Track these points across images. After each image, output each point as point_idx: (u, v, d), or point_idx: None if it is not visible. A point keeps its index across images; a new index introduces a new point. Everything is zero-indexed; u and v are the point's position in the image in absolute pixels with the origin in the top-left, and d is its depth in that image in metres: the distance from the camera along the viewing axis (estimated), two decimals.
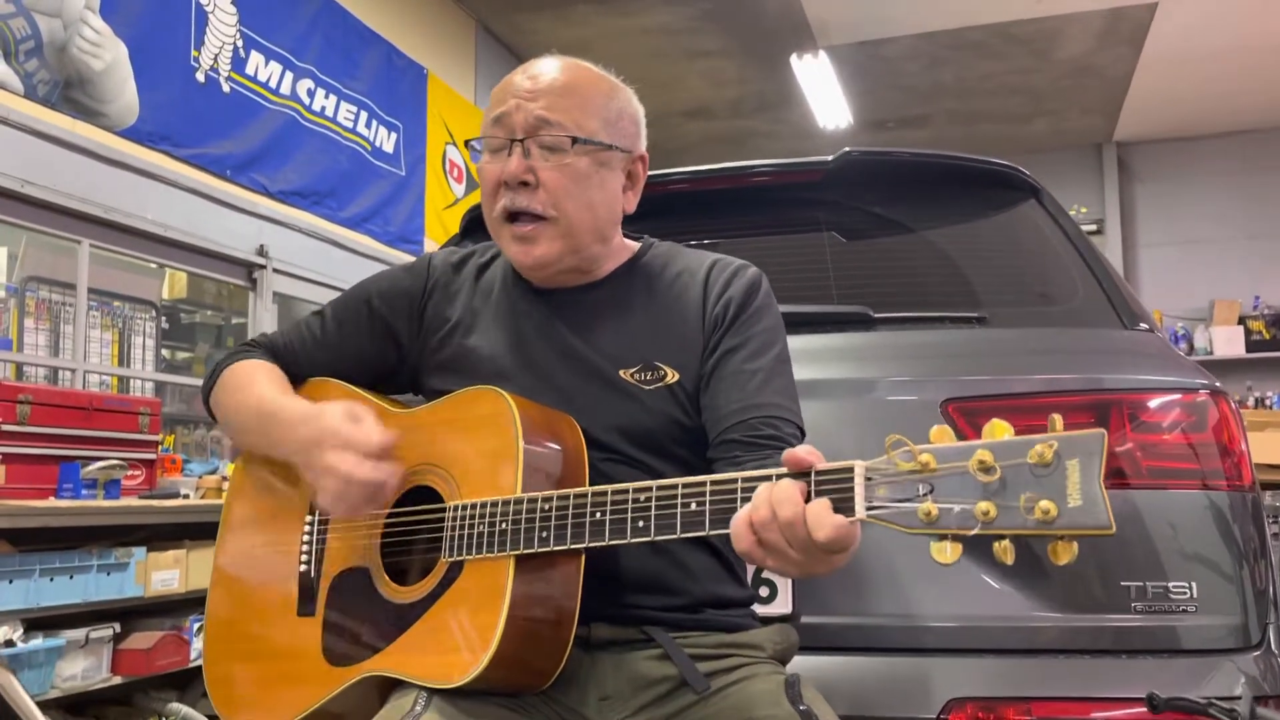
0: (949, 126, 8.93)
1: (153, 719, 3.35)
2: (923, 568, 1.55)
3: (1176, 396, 1.58)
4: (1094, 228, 9.02)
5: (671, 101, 8.19)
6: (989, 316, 1.76)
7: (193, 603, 3.36)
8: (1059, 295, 1.84)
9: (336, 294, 4.97)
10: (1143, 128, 8.87)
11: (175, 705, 3.39)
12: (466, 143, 1.31)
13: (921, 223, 2.02)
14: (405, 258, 6.06)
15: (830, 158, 1.99)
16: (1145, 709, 1.41)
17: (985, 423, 1.58)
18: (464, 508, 1.13)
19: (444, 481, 1.18)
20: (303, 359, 1.38)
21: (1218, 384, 1.61)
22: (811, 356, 1.64)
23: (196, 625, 3.34)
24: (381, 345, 1.36)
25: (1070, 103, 8.37)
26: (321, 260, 5.36)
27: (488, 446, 1.15)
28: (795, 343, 1.37)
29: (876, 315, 1.76)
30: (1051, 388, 1.59)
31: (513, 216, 1.24)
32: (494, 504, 1.10)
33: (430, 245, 6.34)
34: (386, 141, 5.96)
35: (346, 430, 1.16)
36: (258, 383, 1.33)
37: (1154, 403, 1.58)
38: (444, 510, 1.15)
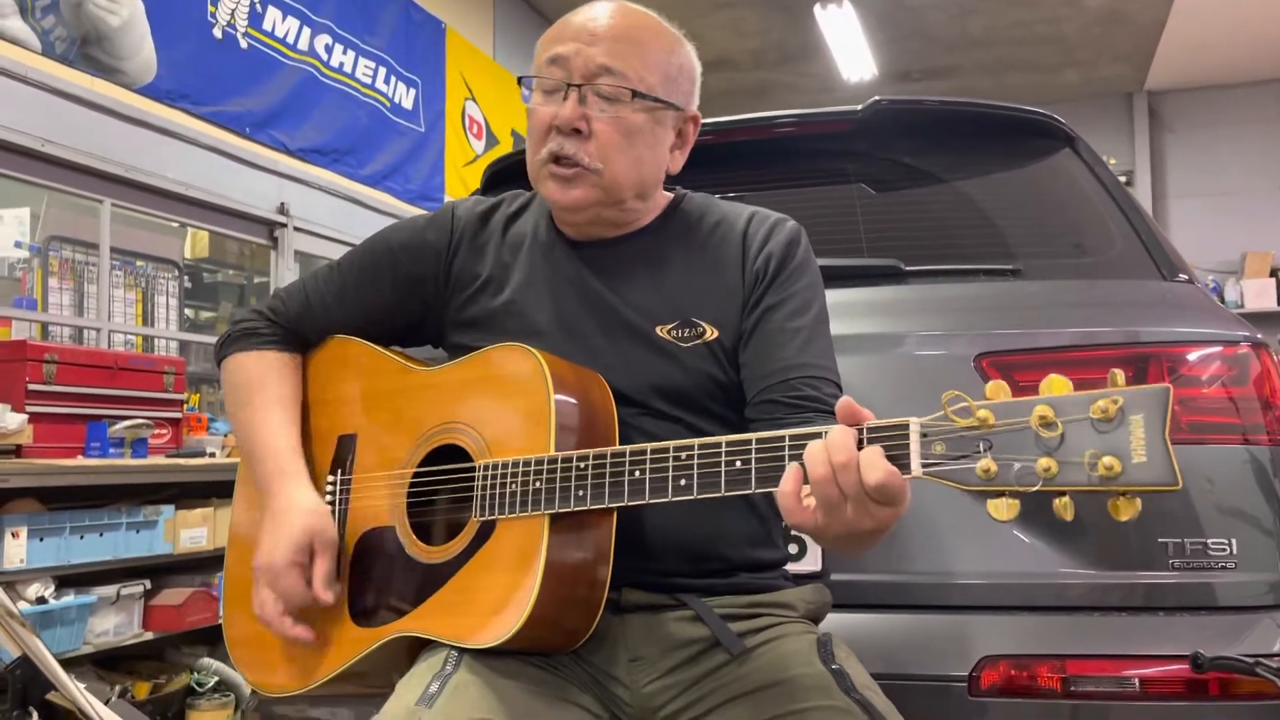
0: (977, 77, 8.77)
1: (185, 673, 3.40)
2: (954, 524, 1.53)
3: (1217, 349, 1.54)
4: (1123, 179, 8.85)
5: None
6: (1024, 268, 1.72)
7: (221, 560, 3.38)
8: (1095, 246, 1.80)
9: None
10: (1175, 76, 8.68)
11: (206, 660, 3.44)
12: (520, 79, 1.25)
13: (954, 173, 1.97)
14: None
15: (860, 107, 1.94)
16: (1183, 666, 1.40)
17: (1021, 377, 1.58)
18: (495, 466, 1.11)
19: (472, 440, 1.16)
20: (321, 318, 1.35)
21: (1259, 336, 1.57)
22: (842, 310, 1.60)
23: None
24: (404, 301, 1.32)
25: (1100, 51, 8.19)
26: (342, 218, 5.35)
27: (518, 405, 1.12)
28: (826, 297, 1.34)
29: (908, 268, 1.72)
30: (1088, 340, 1.55)
31: (557, 159, 1.20)
32: (527, 462, 1.08)
33: None
34: (405, 98, 5.91)
35: (287, 581, 1.19)
36: (261, 399, 1.31)
37: (1194, 355, 1.54)
38: (474, 469, 1.13)
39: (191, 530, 3.27)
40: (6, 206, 4.10)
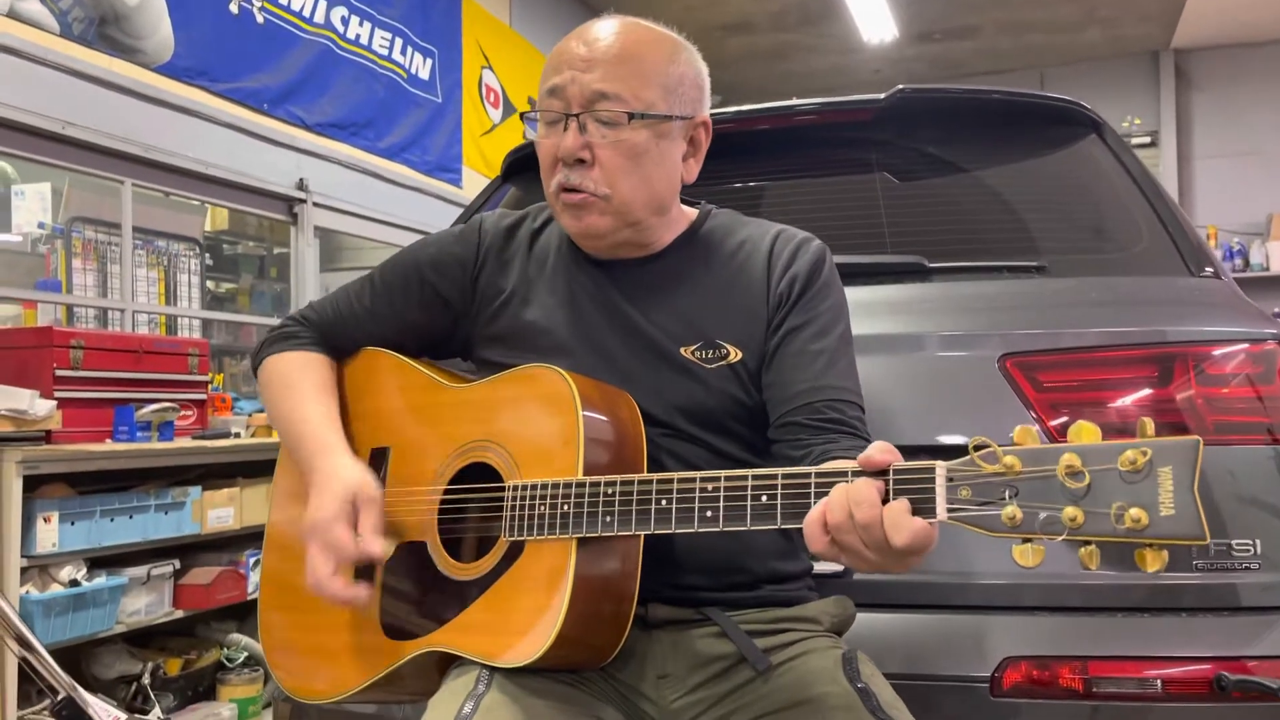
0: (998, 37, 8.64)
1: (215, 649, 3.47)
2: None
3: (1243, 347, 1.53)
4: (1148, 140, 8.76)
5: (712, 16, 7.98)
6: (1049, 265, 1.71)
7: (248, 538, 3.45)
8: (1122, 240, 1.78)
9: (377, 226, 4.96)
10: (1202, 33, 8.51)
11: (236, 636, 3.51)
12: (522, 115, 1.26)
13: (978, 163, 1.95)
14: (444, 187, 6.02)
15: (882, 95, 1.92)
16: (1206, 667, 1.41)
17: (1046, 378, 1.57)
18: (524, 488, 1.12)
19: (502, 459, 1.17)
20: (354, 330, 1.37)
21: None
22: (864, 310, 1.60)
23: (253, 560, 3.43)
24: (432, 315, 1.34)
25: (1126, 8, 8.04)
26: (361, 192, 5.35)
27: (547, 426, 1.13)
28: (848, 295, 1.34)
29: (931, 265, 1.71)
30: (1114, 341, 1.54)
31: (566, 189, 1.21)
32: (555, 485, 1.09)
33: (469, 173, 6.28)
34: (422, 68, 5.88)
35: (336, 533, 1.16)
36: (301, 392, 1.32)
37: (1219, 354, 1.53)
38: (504, 489, 1.14)
39: (218, 510, 3.31)
40: (28, 181, 4.13)
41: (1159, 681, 1.42)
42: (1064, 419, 1.53)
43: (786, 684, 1.12)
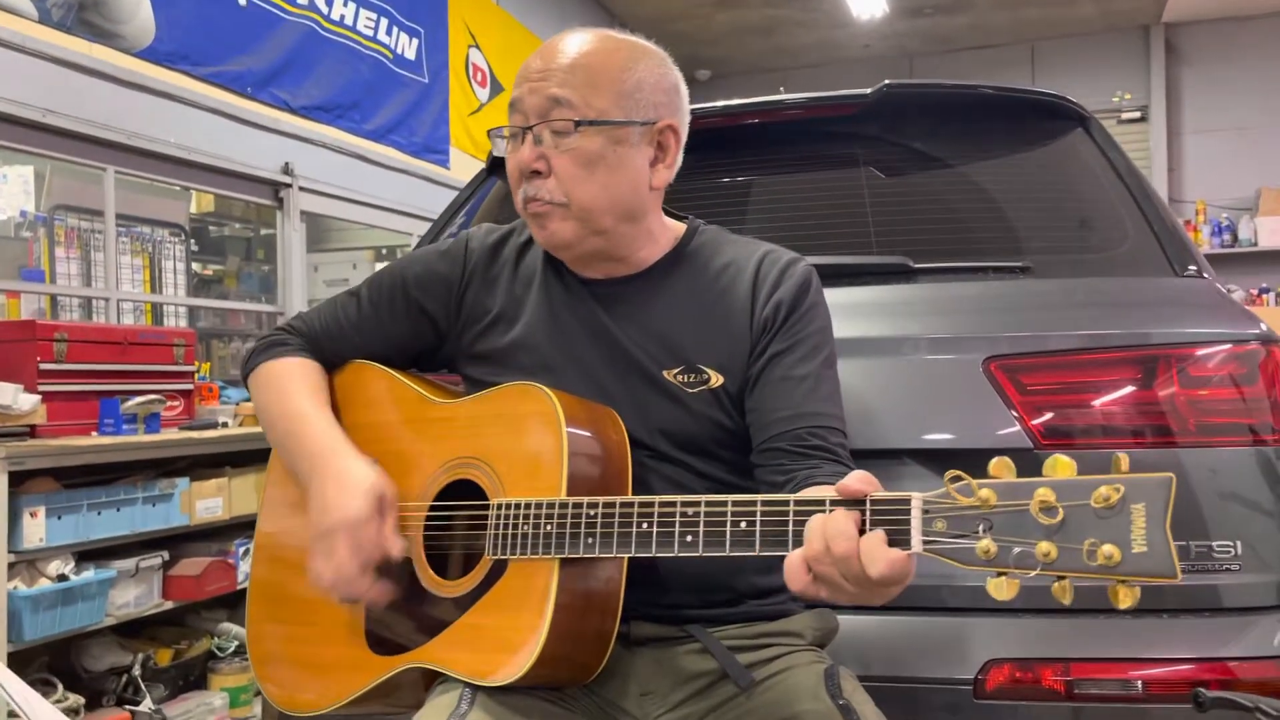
0: (990, 11, 8.58)
1: (205, 638, 3.47)
2: None
3: (1227, 348, 1.54)
4: (1138, 114, 8.73)
5: None
6: (1033, 265, 1.70)
7: (237, 528, 3.44)
8: (1107, 239, 1.78)
9: (364, 209, 4.91)
10: (1193, 7, 8.47)
11: (226, 625, 3.51)
12: (489, 132, 1.26)
13: (964, 159, 1.94)
14: (432, 168, 5.98)
15: (868, 90, 1.91)
16: (1187, 668, 1.42)
17: (1029, 380, 1.57)
18: (508, 506, 1.12)
19: (487, 477, 1.17)
20: (340, 343, 1.37)
21: (1264, 327, 1.56)
22: (848, 312, 1.59)
23: (242, 549, 3.42)
24: (418, 331, 1.34)
25: None
26: (347, 175, 5.31)
27: (532, 445, 1.13)
28: (832, 296, 1.33)
29: (916, 266, 1.71)
30: (1097, 343, 1.55)
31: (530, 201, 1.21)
32: (539, 505, 1.09)
33: (457, 154, 6.24)
34: (408, 48, 5.82)
35: (369, 532, 1.16)
36: (297, 395, 1.30)
37: (1203, 355, 1.54)
38: (488, 508, 1.14)
39: (206, 501, 3.30)
40: (9, 165, 4.08)
41: (1140, 683, 1.44)
42: (1047, 420, 1.53)
43: (769, 700, 1.13)
